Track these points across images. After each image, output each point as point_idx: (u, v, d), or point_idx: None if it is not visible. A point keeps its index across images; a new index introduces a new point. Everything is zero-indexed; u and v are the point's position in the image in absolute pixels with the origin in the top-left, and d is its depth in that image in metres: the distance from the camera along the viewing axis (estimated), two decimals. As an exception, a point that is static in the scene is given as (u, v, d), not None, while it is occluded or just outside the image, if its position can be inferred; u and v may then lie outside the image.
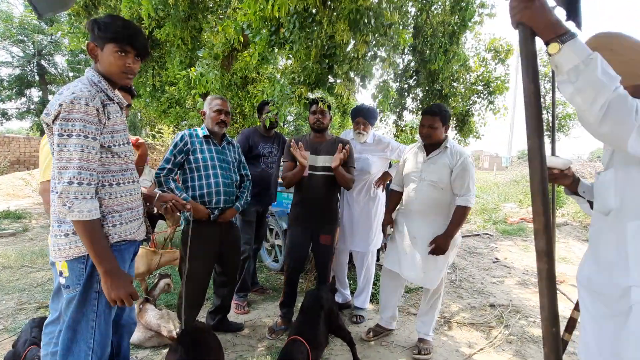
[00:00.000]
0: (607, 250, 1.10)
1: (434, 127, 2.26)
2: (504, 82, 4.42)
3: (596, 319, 1.11)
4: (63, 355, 1.30)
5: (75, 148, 1.18)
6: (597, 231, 1.17)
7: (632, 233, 1.03)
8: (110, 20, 1.28)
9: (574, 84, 0.91)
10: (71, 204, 1.17)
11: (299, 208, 2.56)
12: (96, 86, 1.28)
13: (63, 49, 17.15)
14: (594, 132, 0.97)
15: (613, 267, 1.06)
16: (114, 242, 1.30)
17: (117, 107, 1.36)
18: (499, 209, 8.38)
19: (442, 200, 2.28)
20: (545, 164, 0.97)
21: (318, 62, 2.35)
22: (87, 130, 1.20)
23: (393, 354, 2.41)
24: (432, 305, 2.43)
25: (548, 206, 0.99)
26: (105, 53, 1.27)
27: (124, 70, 1.31)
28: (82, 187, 1.19)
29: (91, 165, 1.22)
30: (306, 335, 1.84)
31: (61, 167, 1.18)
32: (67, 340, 1.29)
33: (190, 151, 2.23)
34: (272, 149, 3.09)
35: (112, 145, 1.31)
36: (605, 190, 1.13)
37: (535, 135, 0.98)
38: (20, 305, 2.99)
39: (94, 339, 1.29)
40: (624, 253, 1.03)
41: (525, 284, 3.80)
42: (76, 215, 1.17)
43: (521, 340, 2.61)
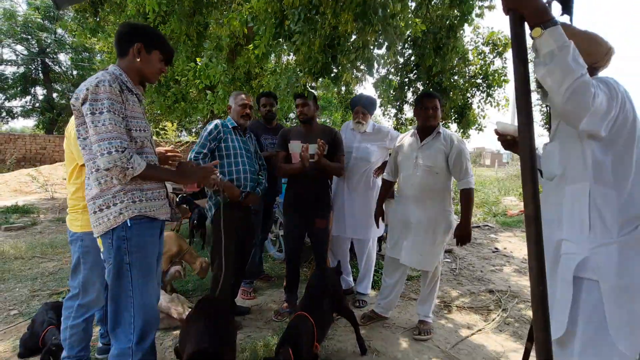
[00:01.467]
0: (549, 211, 1.26)
1: (437, 107, 2.35)
2: (501, 75, 4.49)
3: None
4: (112, 327, 1.42)
5: (110, 122, 1.31)
6: (543, 194, 1.34)
7: (568, 195, 1.22)
8: (158, 33, 1.60)
9: (546, 66, 1.04)
10: (131, 165, 1.32)
11: (292, 195, 2.72)
12: (117, 78, 1.40)
13: (67, 47, 17.26)
14: (558, 109, 1.12)
15: (552, 225, 1.24)
16: (133, 215, 1.39)
17: (136, 99, 1.49)
18: (499, 202, 8.45)
19: (437, 185, 2.36)
20: (534, 138, 1.07)
21: (322, 51, 2.43)
22: (114, 108, 1.34)
23: (395, 334, 2.51)
24: (432, 289, 2.51)
25: (536, 176, 1.07)
26: (152, 56, 1.51)
27: (159, 73, 1.58)
28: (129, 149, 1.33)
29: (123, 136, 1.34)
30: (311, 312, 1.93)
31: (100, 140, 1.29)
32: (112, 312, 1.41)
33: (222, 139, 2.46)
34: (274, 141, 3.17)
35: (131, 129, 1.43)
36: (550, 159, 1.29)
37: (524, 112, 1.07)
38: (33, 293, 3.09)
39: (134, 308, 1.39)
40: (560, 212, 1.23)
41: (523, 271, 3.88)
42: (138, 170, 1.34)
43: (519, 322, 2.70)
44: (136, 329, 1.40)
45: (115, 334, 1.41)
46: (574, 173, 1.20)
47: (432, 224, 2.35)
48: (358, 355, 2.21)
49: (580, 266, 1.15)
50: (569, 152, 1.22)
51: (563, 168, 1.23)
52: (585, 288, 1.15)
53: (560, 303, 1.19)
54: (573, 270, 1.15)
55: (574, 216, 1.19)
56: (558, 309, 1.20)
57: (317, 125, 2.79)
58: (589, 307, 1.14)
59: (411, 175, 2.41)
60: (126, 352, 1.39)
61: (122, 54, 1.49)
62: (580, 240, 1.17)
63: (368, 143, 2.93)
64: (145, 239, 1.43)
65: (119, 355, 1.40)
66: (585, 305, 1.15)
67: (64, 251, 4.36)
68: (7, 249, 4.25)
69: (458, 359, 2.21)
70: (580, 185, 1.18)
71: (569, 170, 1.22)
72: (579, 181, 1.18)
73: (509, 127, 1.46)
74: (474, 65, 4.61)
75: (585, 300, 1.15)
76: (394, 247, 2.51)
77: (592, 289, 1.14)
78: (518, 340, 2.42)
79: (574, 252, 1.17)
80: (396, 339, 2.44)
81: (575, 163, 1.20)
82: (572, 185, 1.21)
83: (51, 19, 16.28)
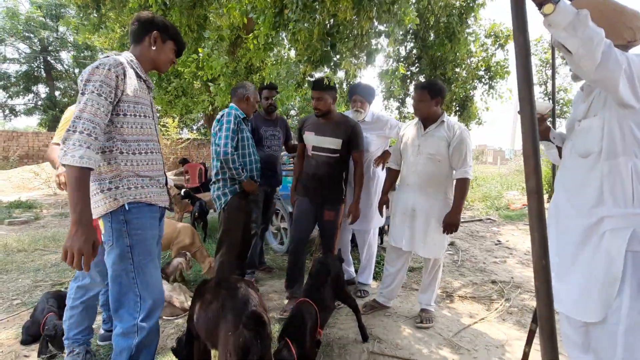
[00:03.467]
0: (582, 188, 1.28)
1: (421, 100, 2.32)
2: (503, 67, 4.46)
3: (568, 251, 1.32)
4: (115, 308, 1.42)
5: (85, 102, 1.26)
6: (570, 172, 1.36)
7: (608, 171, 1.21)
8: (173, 25, 1.63)
9: (578, 36, 1.04)
10: (67, 149, 1.21)
11: (304, 183, 2.65)
12: (123, 63, 1.39)
13: (69, 45, 17.31)
14: (590, 77, 1.13)
15: (586, 203, 1.26)
16: (128, 201, 1.39)
17: (144, 85, 1.51)
18: (502, 196, 8.41)
19: (439, 173, 2.34)
20: (534, 109, 1.05)
21: (321, 40, 2.41)
22: (102, 90, 1.29)
23: (396, 322, 2.50)
24: (433, 277, 2.50)
25: (538, 149, 1.06)
26: (166, 46, 1.56)
27: (170, 63, 1.62)
28: (82, 135, 1.22)
29: (97, 119, 1.26)
30: (314, 298, 1.93)
31: (75, 117, 1.25)
32: (115, 293, 1.40)
33: (239, 130, 2.55)
34: (275, 132, 3.19)
35: (135, 114, 1.43)
36: (589, 135, 1.28)
37: (525, 84, 1.06)
38: (35, 283, 3.11)
39: (138, 288, 1.40)
40: (599, 189, 1.22)
41: (526, 263, 3.86)
42: (68, 159, 1.19)
43: (521, 312, 2.68)
44: (143, 308, 1.41)
45: (119, 315, 1.42)
46: (613, 148, 1.21)
47: (434, 212, 2.33)
48: (360, 342, 2.21)
49: (630, 239, 1.15)
50: (608, 126, 1.22)
51: (607, 142, 1.23)
52: (632, 262, 1.15)
53: (605, 280, 1.19)
54: (626, 244, 1.15)
55: (617, 191, 1.19)
56: (603, 286, 1.20)
57: (335, 115, 2.55)
58: (637, 280, 1.15)
59: (414, 163, 2.40)
60: (131, 330, 1.40)
61: (137, 42, 1.52)
62: (625, 214, 1.18)
63: (367, 132, 2.91)
64: (145, 221, 1.43)
65: (123, 334, 1.41)
66: (633, 279, 1.15)
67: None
68: (11, 242, 4.28)
69: (460, 346, 2.20)
70: (622, 159, 1.19)
71: (607, 145, 1.22)
72: (620, 155, 1.19)
73: (541, 104, 1.43)
74: (476, 57, 4.58)
75: (633, 275, 1.15)
76: (396, 235, 2.50)
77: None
78: (521, 329, 2.41)
79: (621, 226, 1.17)
80: (398, 327, 2.43)
81: (615, 137, 1.20)
82: (612, 160, 1.21)
83: (53, 17, 16.33)
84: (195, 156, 14.07)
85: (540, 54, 8.94)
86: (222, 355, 1.34)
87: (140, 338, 1.40)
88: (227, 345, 1.30)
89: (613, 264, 1.18)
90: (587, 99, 1.35)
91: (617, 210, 1.20)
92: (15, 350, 2.11)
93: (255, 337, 1.27)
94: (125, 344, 1.40)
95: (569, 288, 1.30)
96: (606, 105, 1.24)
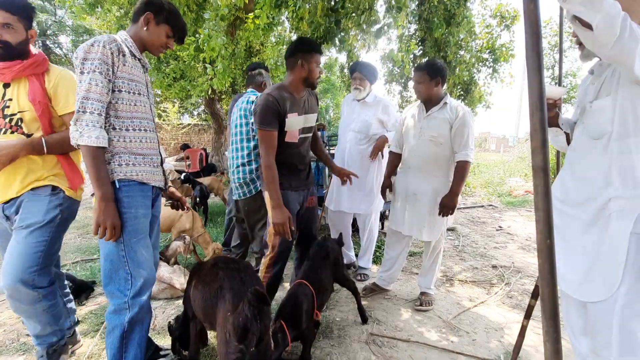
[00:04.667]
0: (591, 170, 1.26)
1: (420, 81, 2.27)
2: (509, 49, 4.34)
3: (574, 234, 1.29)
4: (106, 284, 1.43)
5: (89, 81, 1.30)
6: (580, 155, 1.32)
7: (618, 152, 1.19)
8: (174, 10, 1.55)
9: (596, 9, 0.99)
10: (82, 130, 1.28)
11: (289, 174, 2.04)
12: (118, 41, 1.39)
13: (67, 28, 17.07)
14: (607, 53, 1.08)
15: (594, 183, 1.24)
16: (118, 178, 1.39)
17: (139, 64, 1.50)
18: (504, 183, 8.37)
19: (441, 156, 2.30)
20: (544, 81, 1.01)
21: (325, 16, 2.33)
22: (102, 68, 1.32)
23: (396, 305, 2.51)
24: (434, 261, 2.49)
25: (545, 124, 1.02)
26: (159, 29, 1.50)
27: (164, 47, 1.56)
28: (93, 116, 1.30)
29: (102, 98, 1.32)
30: (311, 280, 1.92)
31: (82, 98, 1.30)
32: (107, 269, 1.42)
33: None
34: None
35: (130, 91, 1.42)
36: (602, 115, 1.24)
37: (535, 53, 1.01)
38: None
39: (128, 266, 1.41)
40: (608, 171, 1.20)
41: (527, 248, 3.85)
42: (85, 140, 1.28)
43: (522, 296, 2.68)
44: (134, 285, 1.42)
45: (109, 291, 1.43)
46: (624, 127, 1.18)
47: (435, 195, 2.30)
48: (359, 324, 2.22)
49: (637, 222, 1.14)
50: (621, 106, 1.19)
51: (620, 122, 1.19)
52: (636, 244, 1.13)
53: (610, 262, 1.18)
54: (632, 226, 1.13)
55: (626, 172, 1.17)
56: (606, 269, 1.19)
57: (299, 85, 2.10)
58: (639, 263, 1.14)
59: (415, 146, 2.36)
60: (123, 307, 1.41)
61: (134, 21, 1.50)
62: (633, 196, 1.15)
63: (367, 115, 2.85)
64: (136, 200, 1.43)
65: (115, 312, 1.42)
66: (635, 262, 1.14)
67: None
68: (12, 226, 4.29)
69: (459, 328, 2.20)
70: (633, 140, 1.16)
71: (619, 125, 1.19)
72: (632, 136, 1.17)
73: (553, 89, 1.37)
74: (481, 39, 4.46)
75: (635, 258, 1.14)
76: (396, 219, 2.48)
77: None
78: (521, 312, 2.41)
79: (628, 208, 1.15)
80: (397, 310, 2.44)
81: (627, 117, 1.17)
82: (622, 141, 1.18)
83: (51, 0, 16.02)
84: (196, 141, 14.00)
85: (549, 37, 8.71)
86: (220, 335, 1.33)
87: (132, 315, 1.42)
88: (226, 325, 1.29)
89: (618, 246, 1.16)
90: (597, 80, 1.32)
91: (625, 192, 1.17)
92: (17, 329, 2.14)
93: (255, 316, 1.26)
94: (117, 321, 1.42)
95: (573, 268, 1.29)
96: (619, 84, 1.20)
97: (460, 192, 2.27)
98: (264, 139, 1.89)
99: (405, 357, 1.90)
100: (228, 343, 1.27)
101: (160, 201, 1.69)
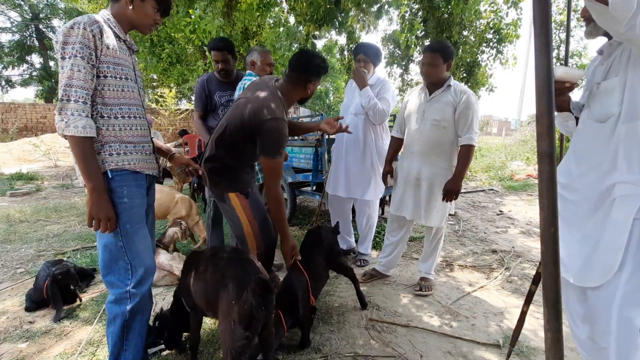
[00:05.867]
0: (597, 154, 1.22)
1: (433, 64, 2.19)
2: (516, 26, 4.19)
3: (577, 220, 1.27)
4: (105, 275, 1.41)
5: (71, 67, 1.23)
6: (586, 139, 1.29)
7: (624, 135, 1.14)
8: None
9: None
10: (67, 119, 1.22)
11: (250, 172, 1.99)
12: (100, 22, 1.30)
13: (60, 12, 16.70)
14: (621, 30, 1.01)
15: (599, 167, 1.20)
16: (110, 168, 1.34)
17: (124, 46, 1.41)
18: (505, 166, 8.32)
19: (444, 140, 2.26)
20: (552, 61, 0.96)
21: (325, -4, 2.23)
22: (83, 52, 1.24)
23: (395, 290, 2.51)
24: (435, 246, 2.48)
25: (552, 107, 0.97)
26: (146, 5, 1.39)
27: (152, 24, 1.46)
28: (78, 104, 1.23)
29: (86, 84, 1.25)
30: (305, 266, 1.91)
31: (64, 85, 1.24)
32: (105, 260, 1.39)
33: None
34: (233, 97, 2.65)
35: (116, 76, 1.34)
36: (610, 96, 1.19)
37: (543, 32, 0.95)
38: (38, 252, 3.14)
39: (127, 256, 1.39)
40: (614, 154, 1.16)
41: (528, 233, 3.85)
42: (71, 130, 1.22)
43: (521, 280, 2.69)
44: (134, 275, 1.40)
45: (109, 281, 1.42)
46: (633, 110, 1.13)
47: (438, 180, 2.27)
48: (359, 310, 2.23)
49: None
50: (631, 85, 1.14)
51: (628, 103, 1.14)
52: (638, 231, 1.10)
53: (610, 247, 1.16)
54: (635, 212, 1.10)
55: (632, 156, 1.13)
56: (606, 253, 1.16)
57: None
58: None
59: (418, 130, 2.31)
60: (124, 296, 1.40)
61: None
62: (638, 180, 1.12)
63: None
64: (130, 190, 1.39)
65: (116, 301, 1.41)
66: (638, 249, 1.11)
67: (68, 215, 4.40)
68: (13, 213, 4.30)
69: (459, 313, 2.21)
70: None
71: (627, 106, 1.14)
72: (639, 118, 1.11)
73: (572, 71, 1.30)
74: (486, 18, 4.32)
75: (638, 244, 1.11)
76: (398, 204, 2.46)
77: None
78: (520, 297, 2.41)
79: (633, 193, 1.12)
80: (397, 295, 2.44)
81: (636, 98, 1.12)
82: (630, 124, 1.13)
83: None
84: (194, 127, 13.89)
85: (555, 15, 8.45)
86: (224, 324, 1.33)
87: (133, 304, 1.41)
88: (230, 314, 1.29)
89: (620, 231, 1.13)
90: (606, 61, 1.26)
91: (630, 177, 1.13)
92: (20, 316, 2.15)
93: (260, 304, 1.27)
94: (118, 310, 1.41)
95: (573, 254, 1.27)
96: (629, 64, 1.15)
97: (464, 176, 2.24)
98: (277, 169, 1.71)
99: (404, 342, 1.92)
100: (233, 331, 1.27)
101: (154, 189, 1.66)
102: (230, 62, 2.60)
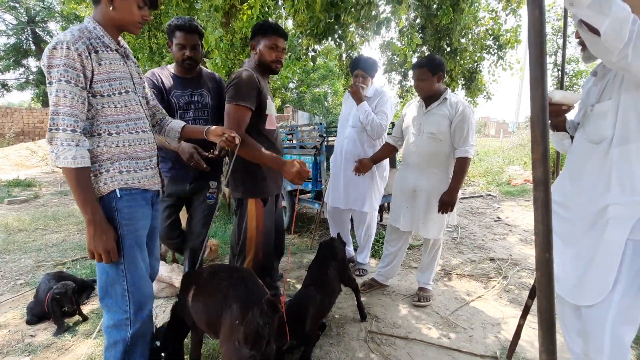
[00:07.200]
0: (590, 175, 1.25)
1: (422, 79, 2.23)
2: (516, 33, 4.22)
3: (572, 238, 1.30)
4: (102, 297, 1.37)
5: (57, 93, 1.16)
6: (580, 159, 1.31)
7: (617, 157, 1.17)
8: None
9: (605, 14, 0.96)
10: (57, 151, 1.17)
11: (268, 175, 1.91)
12: (89, 32, 1.24)
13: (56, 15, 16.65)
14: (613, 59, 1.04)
15: (594, 190, 1.23)
16: (119, 187, 1.31)
17: (117, 55, 1.32)
18: (503, 171, 8.37)
19: (440, 153, 2.29)
20: (546, 93, 0.98)
21: (325, 10, 2.26)
22: (69, 75, 1.17)
23: (394, 301, 2.53)
24: (433, 257, 2.51)
25: (547, 135, 1.00)
26: (127, 2, 1.29)
27: (141, 21, 1.35)
28: (66, 133, 1.17)
29: (74, 111, 1.18)
30: (320, 283, 1.93)
31: (51, 112, 1.18)
32: (103, 282, 1.35)
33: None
34: (194, 98, 2.10)
35: (113, 93, 1.29)
36: (603, 119, 1.22)
37: (538, 64, 0.98)
38: (38, 263, 3.14)
39: (126, 281, 1.34)
40: (607, 176, 1.19)
41: (526, 240, 3.88)
42: (62, 162, 1.17)
43: (519, 289, 2.72)
44: (132, 301, 1.36)
45: (106, 304, 1.37)
46: (625, 133, 1.16)
47: (435, 192, 2.30)
48: (358, 322, 2.24)
49: (634, 228, 1.13)
50: (624, 109, 1.17)
51: (621, 126, 1.17)
52: (632, 251, 1.13)
53: (603, 267, 1.18)
54: (628, 233, 1.13)
55: (625, 178, 1.15)
56: (599, 273, 1.19)
57: None
58: (635, 270, 1.14)
59: (415, 142, 2.35)
60: (123, 323, 1.37)
61: (95, 2, 1.28)
62: (631, 202, 1.14)
63: None
64: (136, 210, 1.36)
65: (115, 326, 1.37)
66: (631, 268, 1.14)
67: (67, 223, 4.39)
68: (11, 222, 4.29)
69: (457, 324, 2.23)
70: (634, 146, 1.14)
71: (620, 130, 1.17)
72: (633, 141, 1.14)
73: (569, 95, 1.34)
74: (484, 25, 4.35)
75: (631, 264, 1.14)
76: (396, 215, 2.48)
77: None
78: (518, 307, 2.44)
79: (626, 214, 1.14)
80: (396, 306, 2.47)
81: (629, 121, 1.15)
82: (623, 147, 1.16)
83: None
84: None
85: (552, 21, 8.51)
86: (228, 344, 1.32)
87: (134, 330, 1.37)
88: (235, 334, 1.29)
89: (613, 251, 1.16)
90: (600, 82, 1.29)
91: (623, 198, 1.16)
92: (21, 330, 2.15)
93: (267, 324, 1.27)
94: (119, 336, 1.37)
95: (567, 272, 1.30)
96: (622, 87, 1.18)
97: (459, 188, 2.27)
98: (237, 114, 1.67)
99: (403, 354, 1.94)
100: (238, 351, 1.27)
101: (158, 206, 1.65)
102: (199, 49, 2.06)
